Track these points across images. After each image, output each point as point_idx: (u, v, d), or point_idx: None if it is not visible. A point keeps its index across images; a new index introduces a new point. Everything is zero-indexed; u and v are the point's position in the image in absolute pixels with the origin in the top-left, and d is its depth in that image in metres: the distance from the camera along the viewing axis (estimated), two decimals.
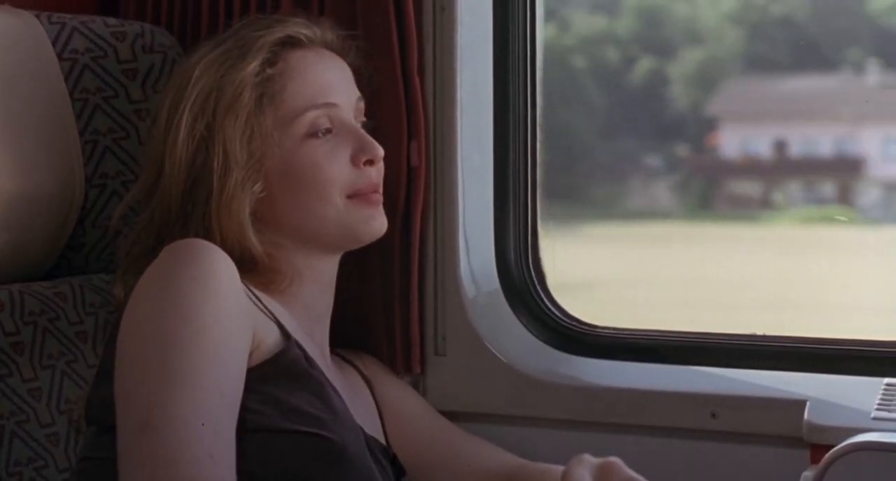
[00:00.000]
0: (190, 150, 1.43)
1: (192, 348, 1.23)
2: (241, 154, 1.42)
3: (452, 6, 1.68)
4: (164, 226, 1.45)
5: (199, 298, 1.26)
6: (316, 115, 1.46)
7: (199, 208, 1.43)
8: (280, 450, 1.30)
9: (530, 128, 1.76)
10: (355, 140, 1.48)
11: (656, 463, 1.54)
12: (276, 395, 1.32)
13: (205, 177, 1.42)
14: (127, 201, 1.53)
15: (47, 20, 1.60)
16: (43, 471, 1.49)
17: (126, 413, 1.21)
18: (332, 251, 1.50)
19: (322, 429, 1.32)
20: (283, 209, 1.46)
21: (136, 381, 1.22)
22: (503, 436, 1.64)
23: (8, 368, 1.49)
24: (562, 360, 1.72)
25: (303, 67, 1.48)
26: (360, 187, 1.47)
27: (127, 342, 1.26)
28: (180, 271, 1.28)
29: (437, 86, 1.68)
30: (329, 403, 1.37)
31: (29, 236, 1.55)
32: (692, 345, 1.71)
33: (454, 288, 1.69)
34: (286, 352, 1.36)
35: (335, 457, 1.32)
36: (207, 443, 1.18)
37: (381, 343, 1.66)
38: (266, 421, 1.29)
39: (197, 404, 1.19)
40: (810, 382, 1.59)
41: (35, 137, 1.55)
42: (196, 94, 1.44)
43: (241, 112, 1.43)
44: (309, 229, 1.46)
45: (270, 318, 1.38)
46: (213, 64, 1.46)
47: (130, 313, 1.28)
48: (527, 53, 1.76)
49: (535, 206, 1.77)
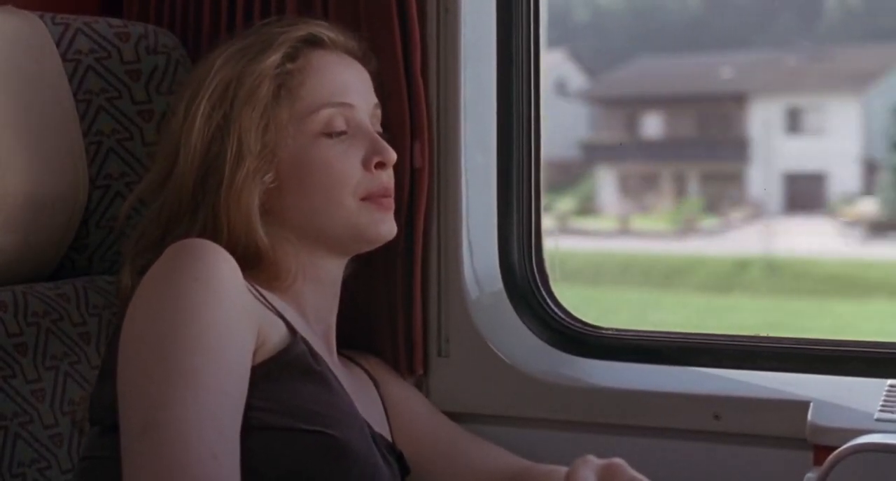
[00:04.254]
0: (205, 139, 1.44)
1: (195, 348, 1.23)
2: (255, 144, 1.43)
3: (456, 7, 1.68)
4: (174, 215, 1.45)
5: (202, 298, 1.26)
6: (331, 114, 1.47)
7: (209, 197, 1.43)
8: (283, 448, 1.30)
9: (534, 129, 1.76)
10: (369, 142, 1.48)
11: (659, 464, 1.54)
12: (280, 393, 1.32)
13: (218, 166, 1.43)
14: (138, 192, 1.53)
15: (51, 21, 1.60)
16: (46, 472, 1.49)
17: (129, 413, 1.21)
18: (338, 252, 1.50)
19: (326, 427, 1.32)
20: (291, 204, 1.46)
21: (139, 382, 1.22)
22: (507, 437, 1.64)
23: (11, 369, 1.49)
24: (565, 361, 1.72)
25: (323, 66, 1.50)
26: (373, 190, 1.47)
27: (129, 343, 1.27)
28: (182, 271, 1.28)
29: (441, 87, 1.69)
30: (333, 399, 1.37)
31: (33, 237, 1.56)
32: (695, 347, 1.71)
33: (457, 289, 1.69)
34: (291, 348, 1.36)
35: (338, 454, 1.33)
36: (211, 443, 1.18)
37: (384, 344, 1.67)
38: (270, 419, 1.29)
39: (200, 404, 1.20)
40: (814, 383, 1.59)
41: (39, 138, 1.55)
42: (216, 84, 1.45)
43: (259, 103, 1.44)
44: (315, 227, 1.46)
45: (276, 314, 1.38)
46: (234, 56, 1.48)
47: (133, 314, 1.28)
48: (530, 54, 1.76)
49: (538, 207, 1.77)
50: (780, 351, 1.66)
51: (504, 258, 1.75)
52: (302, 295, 1.47)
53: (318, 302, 1.49)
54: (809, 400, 1.54)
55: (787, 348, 1.67)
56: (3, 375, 1.48)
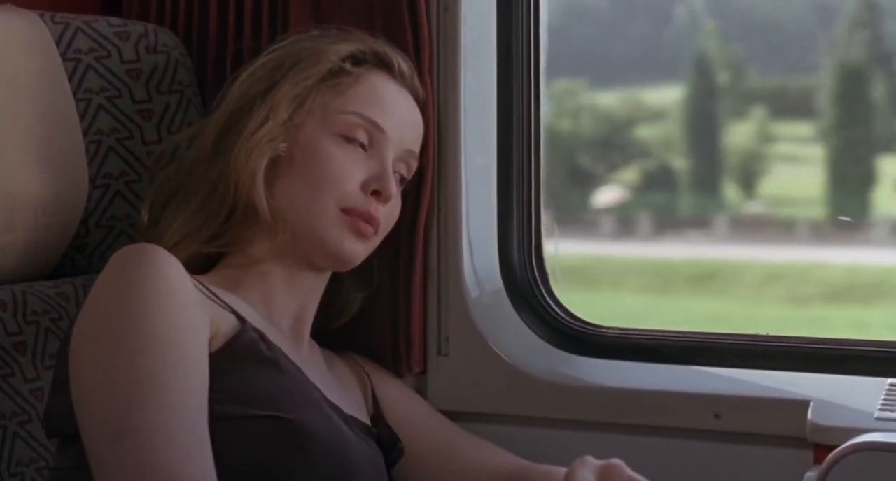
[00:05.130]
0: (244, 96, 1.49)
1: (152, 351, 1.24)
2: (283, 114, 1.47)
3: (456, 7, 1.68)
4: (196, 160, 1.51)
5: (152, 300, 1.27)
6: (358, 123, 1.49)
7: (228, 148, 1.47)
8: (240, 436, 1.30)
9: (534, 129, 1.76)
10: (377, 169, 1.49)
11: (659, 463, 1.54)
12: (232, 382, 1.32)
13: (244, 123, 1.47)
14: (177, 138, 1.60)
15: (51, 20, 1.60)
16: (44, 472, 1.49)
17: (95, 423, 1.22)
18: (300, 256, 1.49)
19: (279, 411, 1.33)
20: (284, 189, 1.47)
21: (101, 389, 1.23)
22: (506, 437, 1.63)
23: (10, 368, 1.49)
24: (565, 360, 1.71)
25: (378, 84, 1.53)
26: (357, 208, 1.47)
27: (83, 352, 1.27)
28: (128, 276, 1.29)
29: (441, 87, 1.68)
30: (288, 383, 1.37)
31: (33, 236, 1.56)
32: (695, 345, 1.71)
33: (457, 288, 1.69)
34: (240, 336, 1.37)
35: (295, 436, 1.33)
36: (184, 443, 1.19)
37: (384, 342, 1.66)
38: (224, 408, 1.29)
39: (166, 405, 1.21)
40: (814, 382, 1.59)
41: (39, 137, 1.55)
42: (277, 55, 1.52)
43: (304, 81, 1.49)
44: (290, 221, 1.47)
45: (226, 308, 1.39)
46: (308, 39, 1.54)
47: (84, 323, 1.29)
48: (530, 54, 1.76)
49: (538, 207, 1.77)
50: (780, 350, 1.66)
51: (504, 257, 1.75)
52: (271, 285, 1.48)
53: (286, 300, 1.50)
54: (809, 399, 1.54)
55: (787, 347, 1.66)
56: (3, 374, 1.48)
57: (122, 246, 1.61)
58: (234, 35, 1.72)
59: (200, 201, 1.49)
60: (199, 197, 1.49)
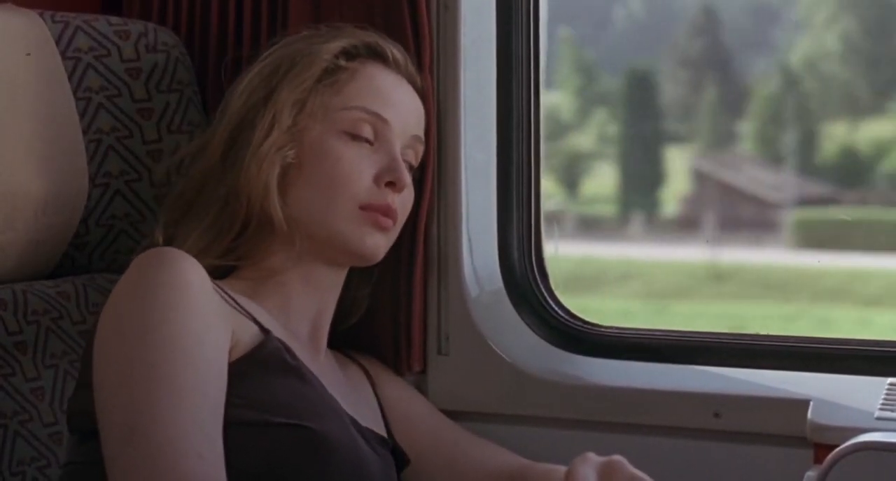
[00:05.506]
0: (245, 107, 1.49)
1: (170, 351, 1.24)
2: (287, 120, 1.47)
3: (456, 5, 1.68)
4: (206, 177, 1.50)
5: (172, 302, 1.28)
6: (361, 118, 1.49)
7: (237, 162, 1.47)
8: (261, 443, 1.31)
9: (534, 127, 1.76)
10: (388, 160, 1.49)
11: (659, 462, 1.54)
12: (254, 389, 1.33)
13: (249, 134, 1.47)
14: (181, 153, 1.60)
15: (51, 19, 1.60)
16: (46, 471, 1.49)
17: (111, 420, 1.23)
18: (325, 259, 1.50)
19: (301, 419, 1.33)
20: (298, 194, 1.47)
21: (118, 389, 1.24)
22: (506, 436, 1.64)
23: (11, 367, 1.49)
24: (565, 359, 1.71)
25: (374, 75, 1.53)
26: (374, 203, 1.47)
27: (105, 351, 1.28)
28: (151, 278, 1.30)
29: (441, 86, 1.68)
30: (309, 393, 1.38)
31: (33, 235, 1.55)
32: (695, 345, 1.71)
33: (457, 287, 1.69)
34: (263, 346, 1.37)
35: (315, 445, 1.33)
36: (196, 444, 1.19)
37: (384, 342, 1.66)
38: (245, 415, 1.30)
39: (181, 406, 1.21)
40: (814, 382, 1.59)
41: (39, 136, 1.55)
42: (270, 60, 1.52)
43: (301, 84, 1.48)
44: (308, 224, 1.47)
45: (247, 317, 1.39)
46: (299, 40, 1.54)
47: (105, 323, 1.30)
48: (530, 52, 1.76)
49: (538, 205, 1.77)
50: (780, 349, 1.66)
51: (504, 256, 1.75)
52: (289, 290, 1.48)
53: (304, 302, 1.49)
54: (810, 399, 1.54)
55: (787, 346, 1.66)
56: (3, 373, 1.48)
57: (122, 245, 1.62)
58: (234, 34, 1.72)
59: (213, 217, 1.48)
60: (211, 213, 1.48)
